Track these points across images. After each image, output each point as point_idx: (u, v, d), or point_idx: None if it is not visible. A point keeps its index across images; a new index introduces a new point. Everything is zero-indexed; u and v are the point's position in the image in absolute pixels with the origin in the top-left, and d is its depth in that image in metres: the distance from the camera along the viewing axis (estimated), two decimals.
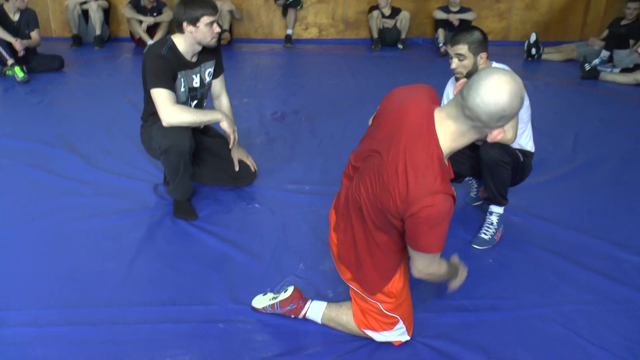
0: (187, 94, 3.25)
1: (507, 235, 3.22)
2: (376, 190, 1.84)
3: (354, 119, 5.03)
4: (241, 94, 5.62)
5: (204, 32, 3.05)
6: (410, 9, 8.28)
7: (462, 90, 1.73)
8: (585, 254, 3.07)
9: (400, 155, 1.77)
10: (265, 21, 8.33)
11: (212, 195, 3.58)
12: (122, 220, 3.26)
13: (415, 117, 1.81)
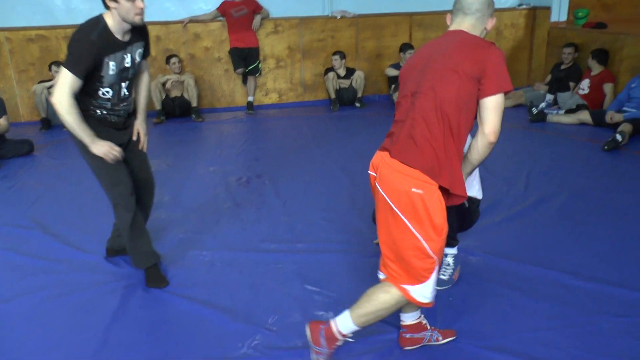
0: (118, 75, 3.14)
1: (465, 274, 3.42)
2: (451, 64, 2.29)
3: (315, 178, 5.25)
4: (207, 163, 5.82)
5: (126, 8, 2.95)
6: (364, 69, 8.66)
7: (456, 5, 2.49)
8: (540, 285, 3.29)
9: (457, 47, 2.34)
10: (226, 90, 8.59)
11: (179, 260, 3.73)
12: (97, 293, 3.37)
13: (442, 38, 2.45)
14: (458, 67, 2.26)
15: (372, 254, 3.70)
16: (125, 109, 3.32)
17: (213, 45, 8.30)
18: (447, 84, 2.27)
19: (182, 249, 3.89)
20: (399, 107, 2.44)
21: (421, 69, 2.37)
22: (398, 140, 2.36)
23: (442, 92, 2.26)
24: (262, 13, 8.21)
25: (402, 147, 2.33)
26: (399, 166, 2.32)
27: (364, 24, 8.70)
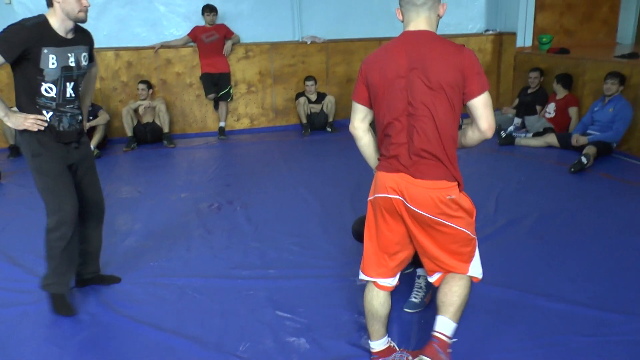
0: (61, 72, 3.13)
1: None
2: (435, 80, 2.34)
3: (287, 203, 5.26)
4: (178, 189, 5.79)
5: (71, 4, 3.01)
6: (335, 93, 8.75)
7: (403, 7, 2.48)
8: (511, 306, 3.32)
9: (431, 59, 2.36)
10: (198, 116, 8.58)
11: (149, 288, 3.69)
12: (64, 324, 3.31)
13: (405, 43, 2.44)
14: (442, 84, 2.34)
15: (344, 279, 3.72)
16: (72, 112, 3.28)
17: (184, 71, 8.32)
18: (440, 102, 2.37)
19: (153, 276, 3.86)
20: (392, 127, 2.46)
21: (405, 87, 2.40)
22: (412, 162, 2.45)
23: (439, 112, 2.38)
24: (233, 38, 8.27)
25: (421, 168, 2.44)
26: (427, 184, 2.44)
27: (334, 49, 8.81)
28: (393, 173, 2.49)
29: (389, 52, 2.46)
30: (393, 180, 2.49)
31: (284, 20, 8.75)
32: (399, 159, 2.47)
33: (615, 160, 6.42)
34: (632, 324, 3.12)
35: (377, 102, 2.50)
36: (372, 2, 9.04)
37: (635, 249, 4.09)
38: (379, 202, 2.56)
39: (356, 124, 2.66)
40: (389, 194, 2.50)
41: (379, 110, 2.50)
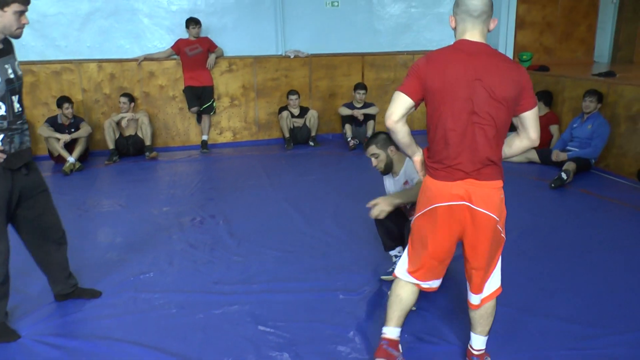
0: (5, 86, 2.98)
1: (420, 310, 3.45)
2: (500, 93, 2.48)
3: (269, 217, 5.26)
4: (160, 203, 5.76)
5: (10, 20, 2.91)
6: (318, 108, 8.79)
7: (460, 7, 2.59)
8: (493, 323, 3.32)
9: (493, 73, 2.49)
10: (181, 129, 8.56)
11: (131, 303, 3.66)
12: (38, 350, 3.25)
13: (465, 53, 2.54)
14: (505, 96, 2.49)
15: (327, 293, 3.73)
16: (21, 128, 3.12)
17: (168, 84, 8.32)
18: (502, 112, 2.52)
19: (134, 291, 3.83)
20: (454, 135, 2.54)
21: (470, 97, 2.50)
22: (476, 168, 2.56)
23: (500, 121, 2.53)
24: (216, 52, 8.29)
25: (484, 171, 2.58)
26: (492, 184, 2.60)
27: (317, 63, 8.86)
28: (457, 181, 2.59)
29: (452, 59, 2.54)
30: (459, 187, 2.58)
31: (268, 34, 8.81)
32: (461, 167, 2.57)
33: (594, 176, 6.52)
34: (611, 338, 3.17)
35: (436, 107, 2.56)
36: (355, 18, 9.15)
37: (615, 264, 4.15)
38: (438, 211, 2.63)
39: (396, 117, 2.59)
40: (454, 201, 2.59)
41: (439, 116, 2.56)
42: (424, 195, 2.70)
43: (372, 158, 3.85)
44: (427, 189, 2.68)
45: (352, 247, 4.53)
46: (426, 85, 2.54)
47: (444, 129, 2.55)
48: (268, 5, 8.68)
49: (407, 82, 2.59)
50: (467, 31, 2.58)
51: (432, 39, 9.52)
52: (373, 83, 9.08)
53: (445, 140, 2.56)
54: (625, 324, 3.32)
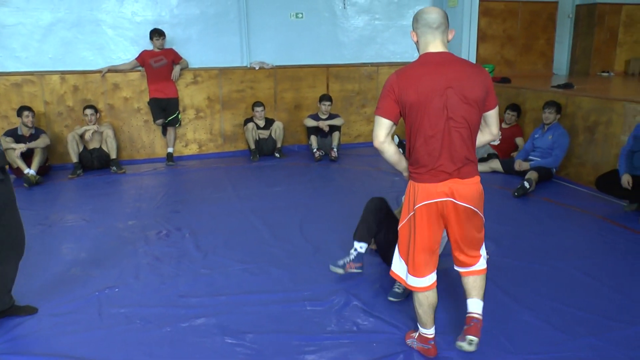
0: None
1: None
2: (471, 96, 2.73)
3: (235, 229, 5.25)
4: (126, 217, 5.70)
5: None
6: (283, 119, 8.81)
7: (419, 22, 2.80)
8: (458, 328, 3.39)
9: (463, 77, 2.73)
10: (146, 141, 8.49)
11: (96, 319, 3.61)
12: None
13: (434, 65, 2.75)
14: (475, 99, 2.75)
15: (293, 304, 3.75)
16: None
17: (132, 96, 8.26)
18: (474, 114, 2.77)
19: (99, 306, 3.77)
20: (434, 140, 2.77)
21: (445, 105, 2.72)
22: (456, 167, 2.81)
23: (473, 122, 2.79)
24: (181, 63, 8.27)
25: (465, 169, 2.83)
26: (471, 181, 2.87)
27: (282, 75, 8.90)
28: (442, 182, 2.82)
29: (423, 72, 2.75)
30: (444, 186, 2.83)
31: (233, 46, 8.83)
32: (443, 168, 2.80)
33: (555, 185, 6.68)
34: (576, 342, 3.26)
35: (414, 119, 2.77)
36: (319, 30, 9.24)
37: (577, 270, 4.25)
38: (425, 208, 2.85)
39: (382, 138, 2.84)
40: (440, 198, 2.83)
41: (418, 126, 2.78)
42: (409, 200, 2.93)
43: None
44: (411, 193, 2.90)
45: (319, 257, 4.55)
46: (402, 101, 2.75)
47: (423, 137, 2.77)
48: (233, 17, 8.71)
49: (382, 104, 2.80)
50: (429, 43, 2.80)
51: (395, 51, 9.66)
52: (338, 94, 9.16)
53: (426, 146, 2.78)
54: (588, 328, 3.41)
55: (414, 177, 2.89)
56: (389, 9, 9.57)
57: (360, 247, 4.08)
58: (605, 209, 5.75)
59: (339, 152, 8.34)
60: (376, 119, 2.85)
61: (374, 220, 4.08)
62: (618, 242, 4.88)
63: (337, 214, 5.51)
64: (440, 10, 2.82)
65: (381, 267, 4.34)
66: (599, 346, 3.22)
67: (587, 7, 10.65)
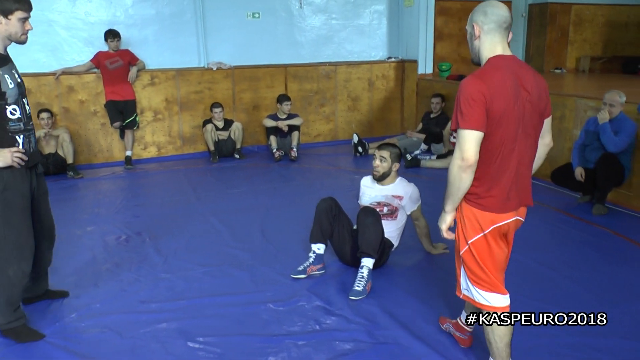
0: (17, 90, 3.19)
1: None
2: (541, 105, 2.48)
3: (196, 232, 5.21)
4: (84, 223, 5.58)
5: (16, 27, 3.11)
6: (242, 120, 8.76)
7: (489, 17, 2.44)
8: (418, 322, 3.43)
9: (532, 85, 2.44)
10: (104, 145, 8.34)
11: (55, 330, 3.52)
12: None
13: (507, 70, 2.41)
14: (542, 108, 2.51)
15: (255, 306, 3.74)
16: (33, 129, 3.34)
17: (88, 98, 8.11)
18: (540, 124, 2.54)
19: (57, 315, 3.69)
20: (508, 156, 2.45)
21: (522, 115, 2.42)
22: (524, 186, 2.56)
23: (539, 132, 2.56)
24: (138, 65, 8.15)
25: (526, 183, 2.59)
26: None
27: (240, 75, 8.87)
28: (513, 211, 2.57)
29: (502, 78, 2.38)
30: (516, 206, 2.58)
31: (190, 46, 8.75)
32: (516, 192, 2.54)
33: None
34: (534, 333, 3.30)
35: (494, 132, 2.39)
36: (276, 30, 9.23)
37: (534, 262, 4.37)
38: (497, 231, 2.55)
39: (474, 157, 2.37)
40: (511, 218, 2.57)
41: (499, 142, 2.41)
42: (479, 220, 2.54)
43: (379, 160, 4.21)
44: (475, 219, 2.55)
45: (280, 258, 4.55)
46: (489, 112, 2.34)
47: (501, 155, 2.43)
48: (189, 18, 8.63)
49: (471, 113, 2.34)
50: (498, 44, 2.45)
51: (352, 51, 9.74)
52: (297, 94, 9.16)
53: (506, 163, 2.45)
54: (545, 307, 3.46)
55: (480, 204, 2.51)
56: (345, 9, 9.61)
57: (317, 249, 4.14)
58: (561, 201, 5.90)
59: (298, 152, 8.34)
60: (463, 134, 2.35)
61: (326, 221, 4.14)
62: (573, 233, 5.01)
63: (297, 214, 5.52)
64: (507, 7, 2.49)
65: (341, 265, 4.38)
66: (557, 336, 3.29)
67: (540, 7, 10.88)
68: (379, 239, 3.96)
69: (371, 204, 4.31)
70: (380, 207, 4.26)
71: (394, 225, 4.30)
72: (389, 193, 4.30)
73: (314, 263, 4.14)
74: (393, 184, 4.33)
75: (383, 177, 4.28)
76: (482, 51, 2.49)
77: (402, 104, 9.90)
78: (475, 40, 2.50)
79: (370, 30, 9.86)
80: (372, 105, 9.78)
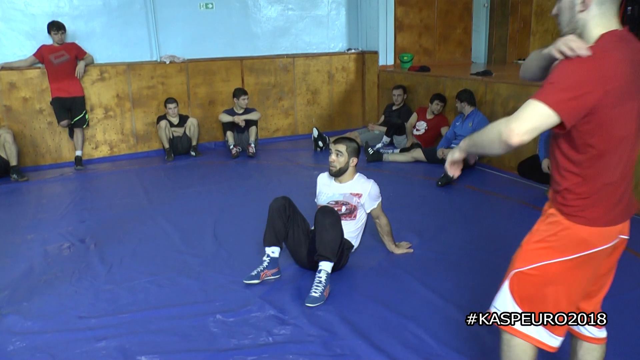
0: None
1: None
2: None
3: (145, 237, 4.88)
4: (25, 230, 5.18)
5: None
6: (198, 115, 8.42)
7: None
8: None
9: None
10: (52, 145, 7.89)
11: None
12: None
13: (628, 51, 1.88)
14: None
15: (204, 317, 3.44)
16: None
17: (33, 96, 7.63)
18: None
19: None
20: (628, 156, 1.97)
21: (637, 107, 1.91)
22: (631, 196, 2.07)
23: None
24: (85, 59, 7.72)
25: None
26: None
27: (195, 69, 8.51)
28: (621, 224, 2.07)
29: (621, 58, 1.85)
30: (617, 229, 2.07)
31: (140, 40, 8.35)
32: (627, 195, 2.04)
33: (477, 172, 6.68)
34: None
35: (605, 125, 1.87)
36: (231, 21, 8.88)
37: (503, 260, 4.07)
38: (596, 255, 2.05)
39: (521, 137, 1.79)
40: (615, 239, 2.07)
41: (620, 137, 1.91)
42: (574, 238, 2.04)
43: (335, 154, 3.95)
44: (579, 233, 2.02)
45: (232, 263, 4.26)
46: (599, 97, 1.80)
47: (619, 152, 1.94)
48: (138, 9, 8.21)
49: (565, 94, 1.79)
50: (613, 17, 1.92)
51: (310, 42, 9.47)
52: (254, 88, 8.85)
53: (622, 165, 1.96)
54: None
55: (582, 217, 2.00)
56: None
57: (272, 252, 3.87)
58: (527, 194, 5.74)
59: (256, 148, 8.03)
60: (534, 106, 1.79)
61: (280, 222, 3.86)
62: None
63: (253, 214, 5.19)
64: None
65: (297, 268, 4.11)
66: None
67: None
68: (338, 241, 3.71)
69: (329, 203, 4.04)
70: (339, 206, 4.00)
71: (353, 225, 4.04)
72: (347, 191, 4.04)
73: (268, 267, 3.85)
74: (351, 181, 4.07)
75: (340, 172, 4.01)
76: (591, 26, 1.93)
77: (363, 96, 9.66)
78: (582, 11, 1.95)
79: (328, 21, 9.58)
80: (332, 99, 9.52)
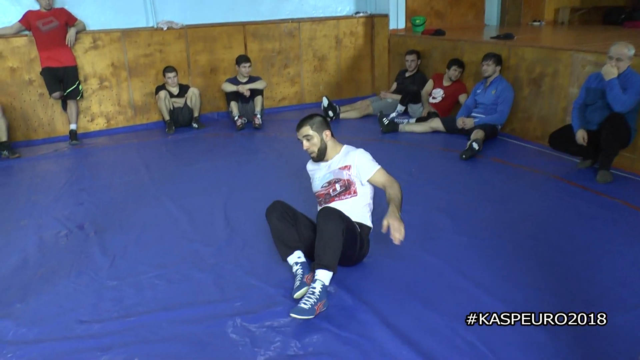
0: None
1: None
2: None
3: (149, 221, 4.47)
4: (16, 215, 4.75)
5: None
6: (199, 85, 7.94)
7: None
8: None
9: None
10: (44, 119, 7.43)
11: None
12: None
13: None
14: None
15: (222, 321, 3.02)
16: None
17: (21, 66, 7.13)
18: None
19: None
20: None
21: None
22: None
23: None
24: (76, 25, 7.19)
25: None
26: None
27: (194, 35, 8.00)
28: None
29: None
30: None
31: (136, 4, 7.82)
32: None
33: (501, 142, 6.27)
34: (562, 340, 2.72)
35: None
36: None
37: (544, 245, 3.76)
38: None
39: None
40: None
41: None
42: None
43: (305, 140, 3.56)
44: None
45: (248, 252, 3.84)
46: None
47: None
48: None
49: None
50: None
51: (316, 6, 8.92)
52: (257, 55, 8.35)
53: None
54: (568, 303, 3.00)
55: None
56: None
57: (297, 257, 3.42)
58: (558, 167, 5.34)
59: (262, 119, 7.58)
60: None
61: (287, 230, 3.41)
62: (581, 206, 4.41)
63: (266, 194, 4.59)
64: None
65: None
66: (584, 344, 2.70)
67: None
68: (340, 248, 3.15)
69: (322, 186, 3.62)
70: (332, 185, 3.56)
71: (358, 202, 3.55)
72: (335, 167, 3.58)
73: (305, 272, 3.35)
74: (337, 155, 3.62)
75: (322, 153, 3.59)
76: None
77: (373, 62, 9.16)
78: None
79: None
80: (340, 65, 9.01)
